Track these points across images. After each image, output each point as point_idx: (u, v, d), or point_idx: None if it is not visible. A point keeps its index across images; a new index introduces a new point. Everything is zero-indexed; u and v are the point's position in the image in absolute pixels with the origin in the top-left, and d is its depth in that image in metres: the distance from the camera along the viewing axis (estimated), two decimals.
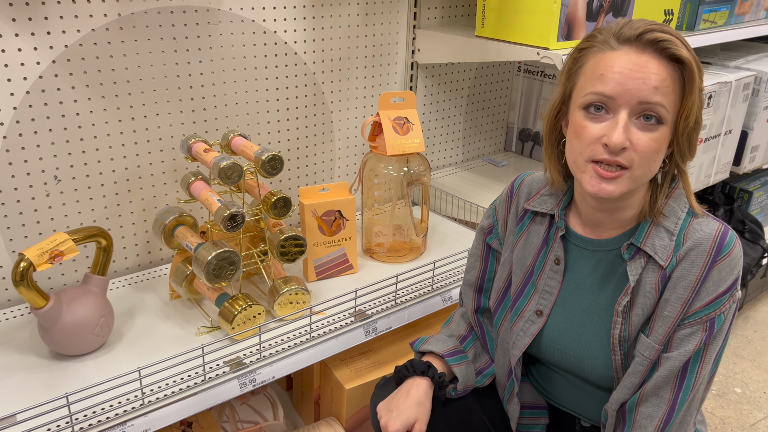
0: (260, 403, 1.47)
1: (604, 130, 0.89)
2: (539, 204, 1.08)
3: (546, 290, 1.06)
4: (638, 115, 0.89)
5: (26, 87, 1.25)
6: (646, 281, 0.96)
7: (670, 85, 0.88)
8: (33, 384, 1.11)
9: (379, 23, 1.72)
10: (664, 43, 0.88)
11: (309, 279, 1.47)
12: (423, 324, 1.64)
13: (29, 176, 1.30)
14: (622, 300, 0.97)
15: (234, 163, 1.21)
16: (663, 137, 0.90)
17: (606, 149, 0.89)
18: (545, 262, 1.07)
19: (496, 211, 1.17)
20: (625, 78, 0.87)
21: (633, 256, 0.97)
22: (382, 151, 1.46)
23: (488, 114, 2.15)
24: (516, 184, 1.14)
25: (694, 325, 0.94)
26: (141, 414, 1.06)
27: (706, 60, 2.09)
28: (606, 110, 0.90)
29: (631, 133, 0.88)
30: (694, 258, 0.93)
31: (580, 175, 0.94)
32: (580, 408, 1.12)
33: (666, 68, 0.88)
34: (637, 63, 0.88)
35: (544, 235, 1.07)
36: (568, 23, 1.44)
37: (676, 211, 0.97)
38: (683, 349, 0.94)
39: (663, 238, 0.96)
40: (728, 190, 2.41)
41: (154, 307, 1.36)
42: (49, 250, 1.10)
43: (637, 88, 0.87)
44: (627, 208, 0.98)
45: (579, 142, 0.92)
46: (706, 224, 0.95)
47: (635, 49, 0.89)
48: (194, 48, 1.42)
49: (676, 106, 0.90)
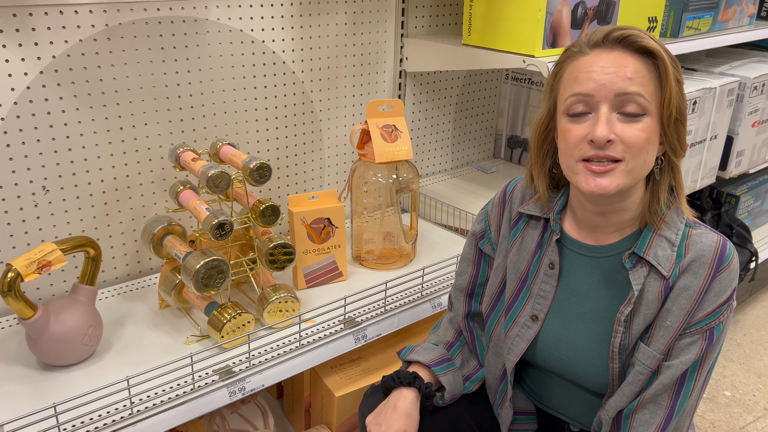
0: (251, 412, 1.47)
1: (589, 128, 0.91)
2: (533, 207, 1.09)
3: (541, 295, 1.07)
4: (620, 109, 0.90)
5: (14, 98, 1.25)
6: (649, 290, 0.97)
7: (646, 75, 0.90)
8: (20, 394, 1.11)
9: (367, 32, 1.73)
10: (630, 38, 0.90)
11: (298, 287, 1.48)
12: (413, 330, 1.64)
13: (17, 186, 1.30)
14: (624, 309, 0.97)
15: (222, 171, 1.22)
16: (649, 127, 0.91)
17: (593, 145, 0.91)
18: (539, 267, 1.07)
19: (488, 216, 1.17)
20: (599, 75, 0.90)
21: (635, 265, 0.97)
22: (371, 159, 1.47)
23: (477, 121, 2.17)
24: (509, 189, 1.15)
25: (695, 334, 0.95)
26: (130, 423, 1.05)
27: (690, 66, 2.11)
28: (588, 111, 0.92)
29: (615, 126, 0.90)
30: (696, 269, 0.94)
31: (574, 177, 0.95)
32: (571, 412, 1.12)
33: (638, 60, 0.91)
34: (608, 59, 0.91)
35: (538, 239, 1.08)
36: (553, 31, 1.46)
37: (675, 222, 0.98)
38: (684, 358, 0.95)
39: (665, 248, 0.96)
40: (715, 195, 2.43)
41: (143, 316, 1.35)
42: (36, 260, 1.10)
43: (611, 81, 0.89)
44: (625, 210, 0.98)
45: (567, 145, 0.94)
46: (706, 236, 0.96)
47: (605, 48, 0.92)
48: (182, 58, 1.43)
49: (657, 97, 0.91)
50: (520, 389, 1.19)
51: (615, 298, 1.01)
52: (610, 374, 1.00)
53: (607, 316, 1.01)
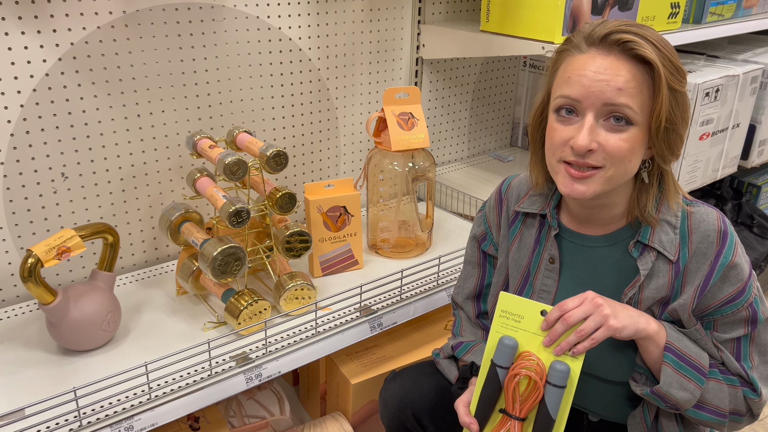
0: (267, 398, 1.48)
1: (572, 132, 0.91)
2: (529, 205, 1.09)
3: (543, 290, 1.07)
4: (606, 117, 0.90)
5: (33, 85, 1.26)
6: (659, 275, 0.98)
7: (637, 86, 0.88)
8: (41, 379, 1.12)
9: (384, 19, 1.71)
10: (629, 44, 0.88)
11: (314, 275, 1.48)
12: (428, 319, 1.64)
13: (37, 173, 1.31)
14: (628, 291, 0.98)
15: (239, 159, 1.22)
16: (634, 137, 0.90)
17: (574, 152, 0.91)
18: (540, 262, 1.08)
19: (486, 218, 1.18)
20: (590, 81, 0.89)
21: (642, 253, 0.98)
22: (387, 147, 1.46)
23: (494, 109, 2.15)
24: (503, 189, 1.15)
25: (738, 313, 0.96)
26: (148, 408, 1.06)
27: (713, 53, 2.07)
28: (576, 113, 0.92)
29: (599, 134, 0.90)
30: (705, 250, 0.96)
31: (554, 176, 0.96)
32: (588, 403, 1.12)
33: (632, 69, 0.88)
34: (601, 65, 0.89)
35: (536, 235, 1.09)
36: (573, 17, 1.43)
37: (671, 206, 0.99)
38: (733, 334, 0.98)
39: (668, 232, 0.98)
40: (736, 185, 2.39)
41: (160, 303, 1.36)
42: (56, 246, 1.11)
43: (600, 90, 0.88)
44: (612, 206, 0.99)
45: (551, 143, 0.95)
46: (706, 214, 0.98)
47: (601, 51, 0.90)
48: (199, 45, 1.43)
49: (647, 107, 0.90)
50: None
51: (619, 284, 1.01)
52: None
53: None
